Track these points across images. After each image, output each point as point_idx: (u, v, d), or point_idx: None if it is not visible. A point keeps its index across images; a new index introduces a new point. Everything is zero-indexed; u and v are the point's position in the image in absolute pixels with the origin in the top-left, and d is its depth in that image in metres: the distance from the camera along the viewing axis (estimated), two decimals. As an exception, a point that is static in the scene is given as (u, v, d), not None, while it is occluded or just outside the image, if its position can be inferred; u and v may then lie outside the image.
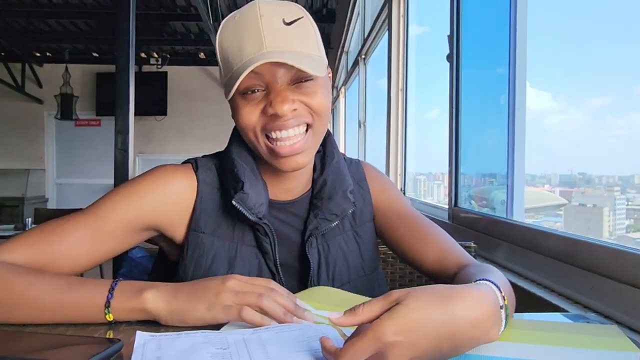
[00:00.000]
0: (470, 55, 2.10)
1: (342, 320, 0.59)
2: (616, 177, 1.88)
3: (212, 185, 0.93)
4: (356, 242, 0.99)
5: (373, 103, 5.18)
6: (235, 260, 0.90)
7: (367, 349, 0.54)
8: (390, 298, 0.59)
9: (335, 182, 0.95)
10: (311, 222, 0.93)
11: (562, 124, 2.01)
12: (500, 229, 1.54)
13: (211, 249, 0.89)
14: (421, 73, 3.42)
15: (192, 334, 0.69)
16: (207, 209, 0.91)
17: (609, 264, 0.96)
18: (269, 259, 0.91)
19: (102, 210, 0.86)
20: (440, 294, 0.60)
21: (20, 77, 8.01)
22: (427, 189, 3.97)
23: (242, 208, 0.86)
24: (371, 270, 1.01)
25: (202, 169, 0.93)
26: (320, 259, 0.94)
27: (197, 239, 0.90)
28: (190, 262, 0.90)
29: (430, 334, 0.56)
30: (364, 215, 1.02)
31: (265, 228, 0.89)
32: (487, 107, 2.11)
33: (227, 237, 0.90)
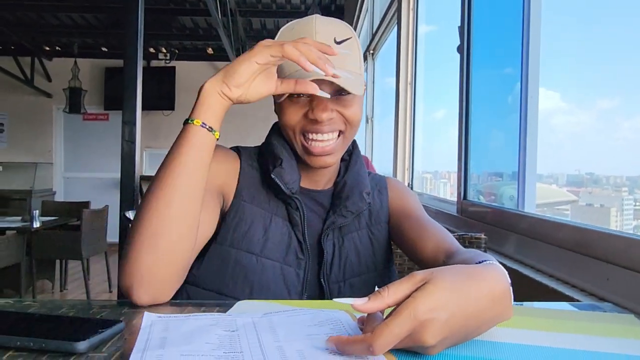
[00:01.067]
0: (480, 47, 2.08)
1: (368, 305, 0.57)
2: (624, 177, 1.86)
3: (251, 166, 1.03)
4: (370, 240, 1.07)
5: (381, 101, 5.17)
6: (270, 226, 0.98)
7: (403, 328, 0.54)
8: (415, 279, 0.58)
9: (354, 183, 1.05)
10: (330, 217, 1.02)
11: (570, 124, 2.00)
12: (510, 220, 1.52)
13: (250, 215, 0.98)
14: (429, 72, 3.41)
15: (201, 316, 0.68)
16: (248, 183, 1.01)
17: (625, 254, 0.94)
18: (297, 231, 0.99)
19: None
20: (463, 272, 0.61)
21: (29, 70, 8.04)
22: (433, 187, 3.96)
23: (279, 181, 0.96)
24: (382, 267, 1.07)
25: (243, 152, 1.06)
26: (334, 250, 1.02)
27: (239, 205, 0.98)
28: (231, 224, 0.97)
29: (459, 312, 0.56)
30: (380, 217, 1.10)
31: (296, 202, 0.99)
32: (497, 101, 2.09)
33: (264, 207, 0.99)
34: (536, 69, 1.64)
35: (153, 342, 0.58)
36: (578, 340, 0.65)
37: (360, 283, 1.03)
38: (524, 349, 0.61)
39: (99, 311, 0.73)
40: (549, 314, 0.77)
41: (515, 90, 1.73)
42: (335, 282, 1.00)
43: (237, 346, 0.58)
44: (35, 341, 0.57)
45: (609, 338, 0.67)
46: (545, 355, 0.59)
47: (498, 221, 1.62)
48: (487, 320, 0.60)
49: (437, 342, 0.55)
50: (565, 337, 0.66)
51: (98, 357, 0.56)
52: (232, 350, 0.56)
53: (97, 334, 0.58)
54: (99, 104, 8.38)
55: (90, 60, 8.28)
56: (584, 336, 0.67)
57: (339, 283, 1.01)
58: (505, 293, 0.62)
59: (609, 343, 0.65)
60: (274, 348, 0.57)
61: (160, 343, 0.58)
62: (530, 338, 0.65)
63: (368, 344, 0.54)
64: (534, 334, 0.66)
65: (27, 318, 0.65)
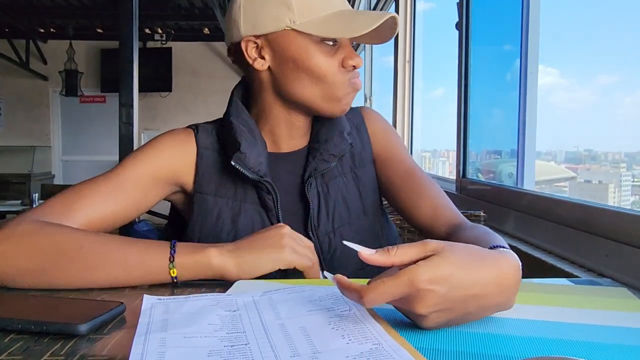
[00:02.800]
0: (479, 24, 2.05)
1: (374, 257, 0.57)
2: (622, 153, 1.86)
3: (212, 149, 0.97)
4: (355, 184, 1.02)
5: (379, 80, 5.13)
6: (239, 217, 0.94)
7: (397, 290, 0.54)
8: (426, 247, 0.57)
9: (331, 125, 0.99)
10: (310, 164, 0.97)
11: (569, 101, 1.99)
12: (509, 198, 1.52)
13: (215, 208, 0.94)
14: (428, 50, 3.38)
15: (201, 296, 0.68)
16: (208, 171, 0.96)
17: (624, 230, 0.94)
18: (272, 215, 0.95)
19: (123, 168, 0.92)
20: (475, 253, 0.59)
21: (24, 53, 7.96)
22: (432, 166, 3.97)
23: (241, 167, 0.90)
24: (373, 212, 1.03)
25: (202, 133, 0.98)
26: (320, 200, 0.97)
27: (201, 199, 0.95)
28: (196, 221, 0.94)
29: (461, 289, 0.55)
30: (363, 158, 1.04)
31: (267, 185, 0.93)
32: (496, 79, 2.08)
33: (229, 197, 0.95)
34: (536, 45, 1.63)
35: (155, 325, 0.58)
36: (572, 313, 0.66)
37: (350, 231, 0.98)
38: (518, 323, 0.61)
39: (99, 293, 0.73)
40: (546, 288, 0.77)
41: (515, 67, 1.72)
42: (325, 234, 0.96)
43: (240, 326, 0.58)
44: (36, 324, 0.57)
45: (602, 311, 0.67)
46: (538, 329, 0.60)
47: (497, 199, 1.62)
48: (489, 307, 0.59)
49: (428, 313, 0.54)
50: (559, 310, 0.66)
51: (99, 338, 0.56)
52: (234, 331, 0.57)
53: (98, 316, 0.58)
54: (95, 86, 8.31)
55: (85, 42, 8.19)
56: (577, 310, 0.67)
57: (328, 234, 0.96)
58: (514, 284, 0.60)
59: (602, 316, 0.65)
60: (276, 326, 0.57)
61: (162, 326, 0.58)
62: (524, 312, 0.65)
63: (360, 295, 0.54)
64: (528, 308, 0.67)
65: (28, 301, 0.65)
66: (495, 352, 0.53)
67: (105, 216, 0.88)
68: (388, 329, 0.55)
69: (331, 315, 0.60)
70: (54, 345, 0.54)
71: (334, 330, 0.56)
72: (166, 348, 0.52)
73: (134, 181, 0.91)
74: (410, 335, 0.57)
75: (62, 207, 0.85)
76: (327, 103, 0.93)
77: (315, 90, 0.92)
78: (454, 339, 0.56)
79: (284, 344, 0.53)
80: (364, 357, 0.49)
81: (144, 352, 0.50)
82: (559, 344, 0.56)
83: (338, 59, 0.92)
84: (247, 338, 0.55)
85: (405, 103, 3.40)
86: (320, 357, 0.49)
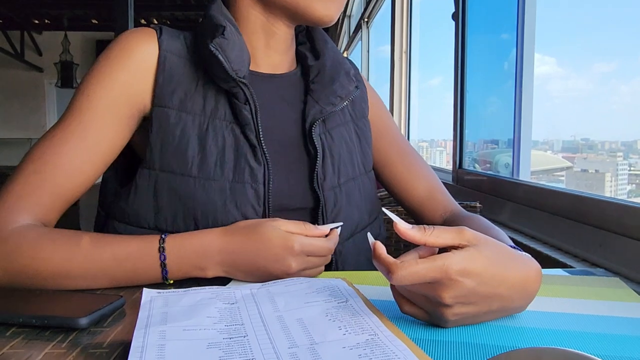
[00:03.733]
0: (476, 14, 2.05)
1: (410, 232, 0.55)
2: (619, 142, 1.87)
3: (178, 55, 0.82)
4: (357, 135, 0.94)
5: (375, 70, 5.12)
6: (207, 135, 0.79)
7: (429, 274, 0.51)
8: (463, 235, 0.55)
9: (336, 63, 0.90)
10: (313, 107, 0.85)
11: (566, 90, 1.99)
12: (505, 188, 1.53)
13: (178, 124, 0.79)
14: (425, 40, 3.37)
15: (200, 289, 0.68)
16: (172, 80, 0.80)
17: (618, 220, 0.95)
18: (249, 130, 0.80)
19: (82, 108, 0.78)
20: (507, 254, 0.57)
21: (19, 45, 7.93)
22: (429, 156, 3.98)
23: (220, 55, 0.76)
24: (369, 168, 0.96)
25: (168, 35, 0.83)
26: (324, 148, 0.86)
27: (162, 114, 0.79)
28: (156, 140, 0.79)
29: (490, 287, 0.54)
30: (363, 109, 0.97)
31: (244, 91, 0.79)
32: (493, 68, 2.08)
33: (196, 112, 0.80)
34: (532, 34, 1.63)
35: (154, 318, 0.59)
36: (565, 303, 0.67)
37: (354, 188, 0.89)
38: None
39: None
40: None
41: (511, 56, 1.72)
42: (330, 189, 0.85)
43: (238, 318, 0.59)
44: (37, 318, 0.57)
45: (595, 301, 0.68)
46: (531, 319, 0.60)
47: (493, 189, 1.63)
48: (508, 308, 0.58)
49: (453, 303, 0.53)
50: (552, 301, 0.67)
51: (100, 331, 0.57)
52: (233, 323, 0.57)
53: (98, 309, 0.59)
54: (91, 77, 8.28)
55: (81, 33, 8.16)
56: (570, 300, 0.68)
57: (334, 189, 0.86)
58: (535, 292, 0.59)
59: (595, 305, 0.66)
60: (274, 318, 0.58)
61: (161, 319, 0.58)
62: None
63: (390, 270, 0.52)
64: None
65: (29, 295, 0.66)
66: (488, 342, 0.54)
67: (79, 178, 0.77)
68: (384, 320, 0.56)
69: (328, 307, 0.61)
70: (55, 338, 0.55)
71: (330, 321, 0.57)
72: (166, 341, 0.52)
73: (98, 124, 0.77)
74: (406, 327, 0.58)
75: (34, 185, 0.75)
76: (314, 1, 0.80)
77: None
78: (447, 329, 0.57)
79: (281, 335, 0.54)
80: (360, 347, 0.50)
81: (144, 345, 0.51)
82: (552, 334, 0.57)
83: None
84: (246, 330, 0.55)
85: (402, 92, 3.40)
86: (317, 348, 0.50)
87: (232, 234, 0.73)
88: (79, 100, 0.79)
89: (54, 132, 0.78)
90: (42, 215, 0.75)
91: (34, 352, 0.51)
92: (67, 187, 0.77)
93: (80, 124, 0.77)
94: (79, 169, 0.77)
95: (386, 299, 0.66)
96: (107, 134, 0.78)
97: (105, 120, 0.78)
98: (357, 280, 0.71)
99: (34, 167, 0.76)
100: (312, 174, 0.84)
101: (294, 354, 0.49)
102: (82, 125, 0.77)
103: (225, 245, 0.72)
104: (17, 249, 0.69)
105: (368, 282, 0.74)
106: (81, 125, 0.77)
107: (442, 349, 0.52)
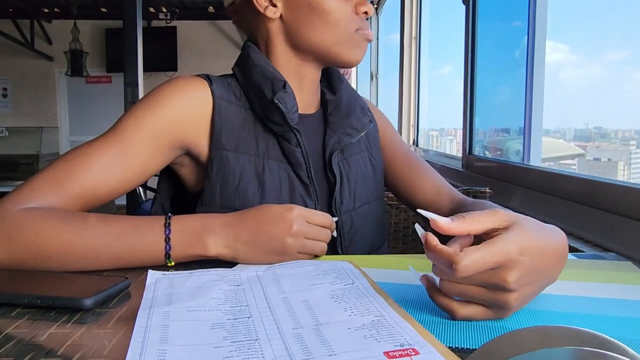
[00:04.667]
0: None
1: (452, 225, 0.52)
2: (632, 130, 1.84)
3: (228, 101, 0.88)
4: (371, 163, 1.00)
5: (385, 58, 5.09)
6: (264, 174, 0.86)
7: (492, 259, 0.49)
8: (499, 216, 0.54)
9: (351, 98, 0.97)
10: (331, 137, 0.92)
11: (578, 77, 1.96)
12: (515, 174, 1.52)
13: (237, 166, 0.85)
14: (435, 28, 3.34)
15: (205, 272, 0.68)
16: (227, 124, 0.86)
17: (630, 204, 0.94)
18: (301, 171, 0.88)
19: (124, 130, 0.81)
20: (541, 225, 0.56)
21: (29, 34, 7.94)
22: (439, 144, 3.96)
23: (283, 107, 0.84)
24: (382, 194, 1.03)
25: (217, 84, 0.89)
26: (342, 175, 0.93)
27: (221, 157, 0.85)
28: (216, 181, 0.85)
29: (541, 261, 0.53)
30: (376, 139, 1.04)
31: (296, 136, 0.87)
32: (504, 55, 2.06)
33: (252, 152, 0.87)
34: (543, 20, 1.61)
35: (159, 299, 0.59)
36: (576, 286, 0.66)
37: (368, 212, 0.96)
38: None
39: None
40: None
41: (523, 43, 1.70)
42: (347, 212, 0.92)
43: (243, 299, 0.58)
44: (42, 298, 0.57)
45: (607, 284, 0.68)
46: (541, 302, 0.59)
47: (503, 175, 1.62)
48: (551, 279, 0.57)
49: (517, 287, 0.50)
50: (564, 284, 0.66)
51: (105, 312, 0.57)
52: (238, 304, 0.57)
53: (103, 290, 0.59)
54: (101, 66, 8.30)
55: (90, 22, 8.15)
56: (582, 283, 0.67)
57: (349, 212, 0.92)
58: (567, 256, 0.59)
59: (608, 289, 0.65)
60: (279, 299, 0.58)
61: (166, 300, 0.58)
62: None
63: (453, 261, 0.49)
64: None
65: (34, 276, 0.66)
66: (495, 324, 0.53)
67: (104, 189, 0.79)
68: (390, 302, 0.56)
69: (334, 289, 0.60)
70: (60, 319, 0.55)
71: (336, 303, 0.56)
72: (170, 321, 0.52)
73: (138, 146, 0.81)
74: (412, 310, 0.57)
75: (58, 179, 0.76)
76: (344, 48, 0.89)
77: (330, 36, 0.88)
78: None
79: (286, 316, 0.53)
80: (366, 328, 0.49)
81: (148, 325, 0.51)
82: (562, 317, 0.56)
83: (351, 4, 0.89)
84: (250, 311, 0.55)
85: (412, 81, 3.37)
86: (322, 329, 0.50)
87: (235, 213, 0.76)
88: (125, 122, 0.82)
89: (92, 143, 0.81)
90: (57, 206, 0.75)
91: (38, 332, 0.51)
92: (90, 192, 0.78)
93: (120, 142, 0.80)
94: (107, 180, 0.79)
95: (393, 281, 0.66)
96: (144, 159, 0.82)
97: (146, 146, 0.82)
98: (363, 264, 0.71)
99: (63, 166, 0.78)
100: (331, 199, 0.91)
101: (299, 334, 0.49)
102: (122, 143, 0.80)
103: (227, 218, 0.74)
104: (21, 225, 0.69)
105: (375, 265, 0.74)
106: (121, 143, 0.80)
107: (450, 331, 0.52)
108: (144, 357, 0.44)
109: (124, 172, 0.80)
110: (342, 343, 0.46)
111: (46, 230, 0.69)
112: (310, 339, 0.47)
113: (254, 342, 0.47)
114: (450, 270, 0.49)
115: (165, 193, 0.97)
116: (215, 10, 8.14)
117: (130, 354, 0.45)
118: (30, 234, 0.69)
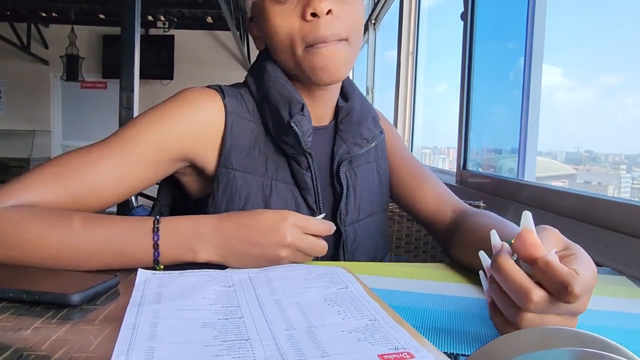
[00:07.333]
0: (485, 15, 2.04)
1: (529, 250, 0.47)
2: (622, 155, 1.85)
3: (240, 116, 0.84)
4: (378, 174, 0.97)
5: (381, 73, 5.12)
6: (271, 197, 0.83)
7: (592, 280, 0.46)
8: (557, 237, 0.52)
9: (363, 108, 0.93)
10: (340, 147, 0.88)
11: (572, 101, 1.98)
12: (509, 189, 1.52)
13: (244, 187, 0.82)
14: (431, 46, 3.37)
15: (197, 272, 0.67)
16: (238, 143, 0.83)
17: (624, 220, 0.94)
18: (308, 195, 0.85)
19: (128, 138, 0.78)
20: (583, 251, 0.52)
21: (26, 37, 7.92)
22: (432, 162, 3.97)
23: (298, 130, 0.79)
24: (386, 206, 1.01)
25: (230, 97, 0.84)
26: (348, 186, 0.89)
27: (229, 176, 0.82)
28: (222, 200, 0.82)
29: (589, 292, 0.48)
30: (383, 149, 1.01)
31: (308, 160, 0.83)
32: (500, 76, 2.07)
33: (260, 173, 0.83)
34: (541, 41, 1.62)
35: (148, 297, 0.57)
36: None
37: (372, 225, 0.93)
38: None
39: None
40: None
41: (519, 65, 1.71)
42: (350, 224, 0.89)
43: (235, 300, 0.57)
44: (28, 293, 0.56)
45: (602, 297, 0.67)
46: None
47: (497, 190, 1.61)
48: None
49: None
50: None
51: (92, 309, 0.56)
52: (229, 305, 0.56)
53: (91, 287, 0.58)
54: (97, 72, 8.28)
55: (88, 28, 8.15)
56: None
57: (353, 224, 0.90)
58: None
59: (603, 302, 0.65)
60: (271, 301, 0.57)
61: (155, 298, 0.57)
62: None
63: (569, 283, 0.43)
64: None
65: (20, 271, 0.64)
66: (491, 332, 0.52)
67: (97, 198, 0.75)
68: (385, 307, 0.55)
69: (327, 293, 0.59)
70: (45, 314, 0.53)
71: (329, 306, 0.55)
72: (159, 319, 0.51)
73: (141, 156, 0.78)
74: (407, 315, 0.56)
75: (54, 179, 0.73)
76: (307, 72, 0.80)
77: (288, 62, 0.82)
78: (448, 319, 0.56)
79: (278, 318, 0.52)
80: (360, 331, 0.48)
81: (136, 322, 0.50)
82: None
83: (297, 12, 0.78)
84: (242, 312, 0.54)
85: (407, 97, 3.39)
86: (315, 331, 0.49)
87: (227, 217, 0.72)
88: (128, 131, 0.79)
89: (90, 148, 0.77)
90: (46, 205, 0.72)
91: (22, 326, 0.50)
92: (80, 200, 0.74)
93: (121, 151, 0.77)
94: (100, 190, 0.76)
95: (386, 288, 0.65)
96: (142, 170, 0.78)
97: (146, 157, 0.78)
98: (357, 270, 0.70)
99: (54, 170, 0.74)
100: (336, 210, 0.88)
101: (291, 335, 0.48)
102: (123, 152, 0.77)
103: (219, 224, 0.70)
104: (3, 230, 0.66)
105: (368, 272, 0.73)
106: (122, 152, 0.77)
107: (444, 337, 0.51)
108: (131, 353, 0.43)
109: (121, 184, 0.77)
110: (336, 345, 0.45)
111: (29, 237, 0.66)
112: (302, 340, 0.46)
113: (245, 341, 0.46)
114: (567, 296, 0.44)
115: (165, 200, 0.94)
116: (213, 21, 8.18)
117: (117, 349, 0.43)
118: (12, 240, 0.66)
